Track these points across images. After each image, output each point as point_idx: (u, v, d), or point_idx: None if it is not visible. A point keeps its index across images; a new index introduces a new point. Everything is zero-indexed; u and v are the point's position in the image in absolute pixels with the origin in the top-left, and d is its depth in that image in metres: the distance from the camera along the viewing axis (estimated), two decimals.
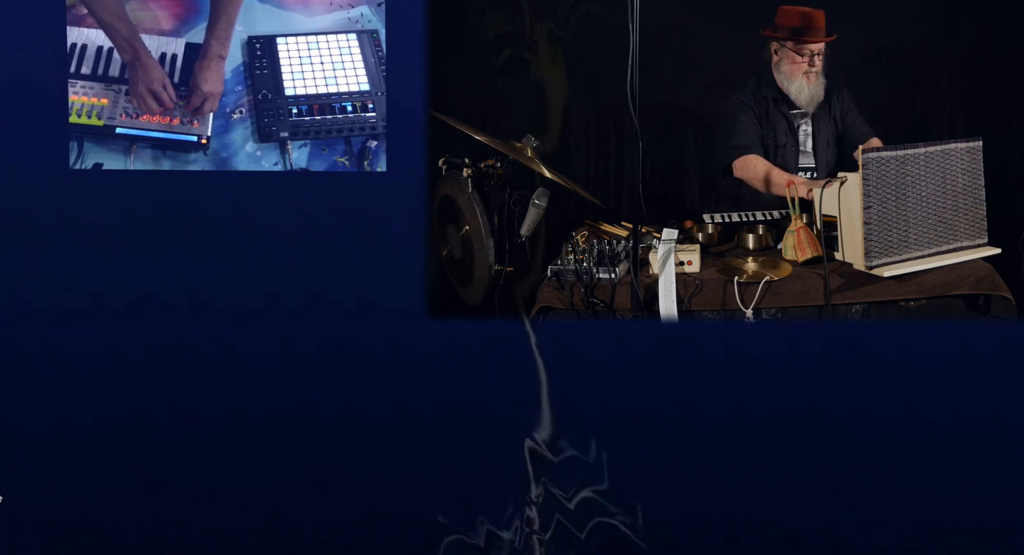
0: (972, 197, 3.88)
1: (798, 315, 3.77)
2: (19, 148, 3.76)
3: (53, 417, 3.77)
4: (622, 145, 4.98)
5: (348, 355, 3.77)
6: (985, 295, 3.81)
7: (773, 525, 3.73)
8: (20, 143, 3.76)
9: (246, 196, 3.80)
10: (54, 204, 3.77)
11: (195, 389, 3.77)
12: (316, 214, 3.80)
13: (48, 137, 3.78)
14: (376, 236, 3.78)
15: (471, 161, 4.00)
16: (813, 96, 4.46)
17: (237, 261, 3.78)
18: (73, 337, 3.77)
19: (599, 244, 3.90)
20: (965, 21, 4.78)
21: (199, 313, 3.77)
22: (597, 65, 4.70)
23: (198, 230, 3.78)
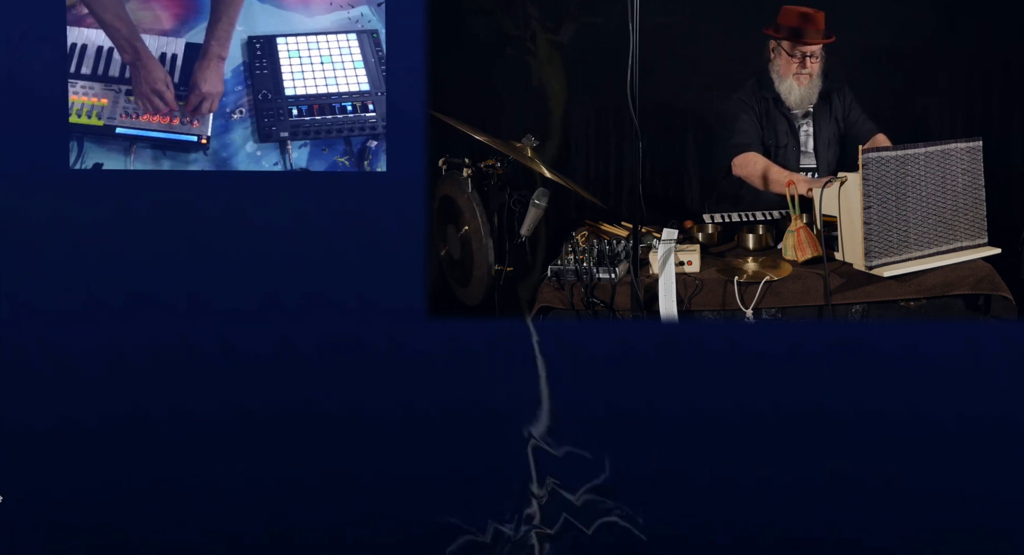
0: (972, 197, 3.88)
1: (798, 315, 3.77)
2: (19, 148, 3.76)
3: (53, 417, 3.77)
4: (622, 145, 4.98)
5: (348, 355, 3.77)
6: (985, 295, 3.81)
7: (773, 524, 3.73)
8: (20, 143, 3.76)
9: (246, 196, 3.80)
10: (54, 204, 3.77)
11: (195, 389, 3.77)
12: (316, 214, 3.80)
13: (48, 137, 3.78)
14: (376, 236, 3.78)
15: (471, 161, 4.00)
16: (803, 98, 4.46)
17: (237, 261, 3.78)
18: (73, 337, 3.77)
19: (599, 244, 3.90)
20: (965, 21, 4.78)
21: (199, 313, 3.77)
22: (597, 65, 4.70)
23: (198, 230, 3.78)
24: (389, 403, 3.77)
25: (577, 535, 3.75)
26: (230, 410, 3.77)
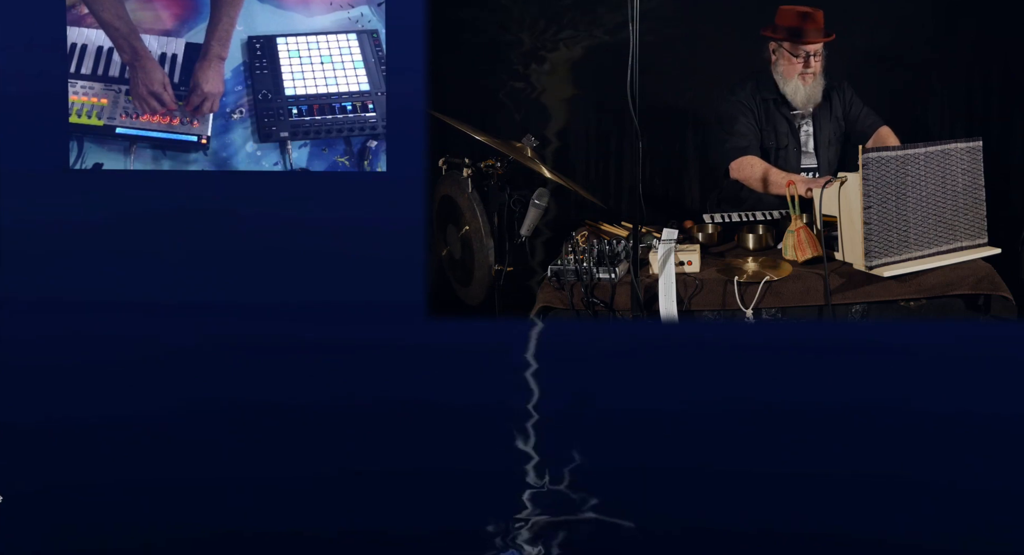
0: (972, 197, 3.88)
1: (798, 315, 3.77)
2: (19, 148, 3.76)
3: (53, 417, 3.77)
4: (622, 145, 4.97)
5: (348, 354, 3.77)
6: (985, 295, 3.80)
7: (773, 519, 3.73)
8: (20, 143, 3.76)
9: (246, 196, 3.80)
10: (54, 204, 3.77)
11: (194, 388, 3.77)
12: (316, 214, 3.80)
13: (48, 137, 3.79)
14: (376, 236, 3.78)
15: (471, 161, 4.00)
16: (809, 97, 4.45)
17: (237, 261, 3.78)
18: (73, 336, 3.76)
19: (599, 244, 3.90)
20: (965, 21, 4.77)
21: (199, 312, 3.77)
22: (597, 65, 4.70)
23: (198, 230, 3.78)
24: (388, 402, 3.77)
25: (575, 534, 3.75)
26: (229, 408, 3.77)
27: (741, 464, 3.73)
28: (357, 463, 3.78)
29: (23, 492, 3.76)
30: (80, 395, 3.77)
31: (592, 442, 3.74)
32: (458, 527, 3.76)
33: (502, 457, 3.74)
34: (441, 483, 3.78)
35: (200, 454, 3.77)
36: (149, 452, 3.78)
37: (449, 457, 3.77)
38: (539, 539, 3.75)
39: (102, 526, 3.77)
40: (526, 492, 3.74)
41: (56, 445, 3.77)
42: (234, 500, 3.78)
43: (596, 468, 3.74)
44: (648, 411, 3.74)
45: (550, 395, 3.73)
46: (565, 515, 3.75)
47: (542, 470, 3.74)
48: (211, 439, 3.77)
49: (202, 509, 3.78)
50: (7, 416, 3.76)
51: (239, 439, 3.78)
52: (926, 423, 3.70)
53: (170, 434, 3.78)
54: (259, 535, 3.79)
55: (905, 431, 3.71)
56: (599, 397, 3.75)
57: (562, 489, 3.74)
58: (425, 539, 3.76)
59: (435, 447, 3.78)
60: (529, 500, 3.76)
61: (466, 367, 3.76)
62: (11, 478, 3.76)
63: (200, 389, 3.77)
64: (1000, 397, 3.70)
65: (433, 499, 3.78)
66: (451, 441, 3.77)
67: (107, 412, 3.77)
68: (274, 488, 3.78)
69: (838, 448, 3.72)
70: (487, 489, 3.76)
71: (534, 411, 3.74)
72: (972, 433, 3.70)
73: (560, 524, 3.76)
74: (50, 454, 3.77)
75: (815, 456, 3.72)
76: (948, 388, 3.68)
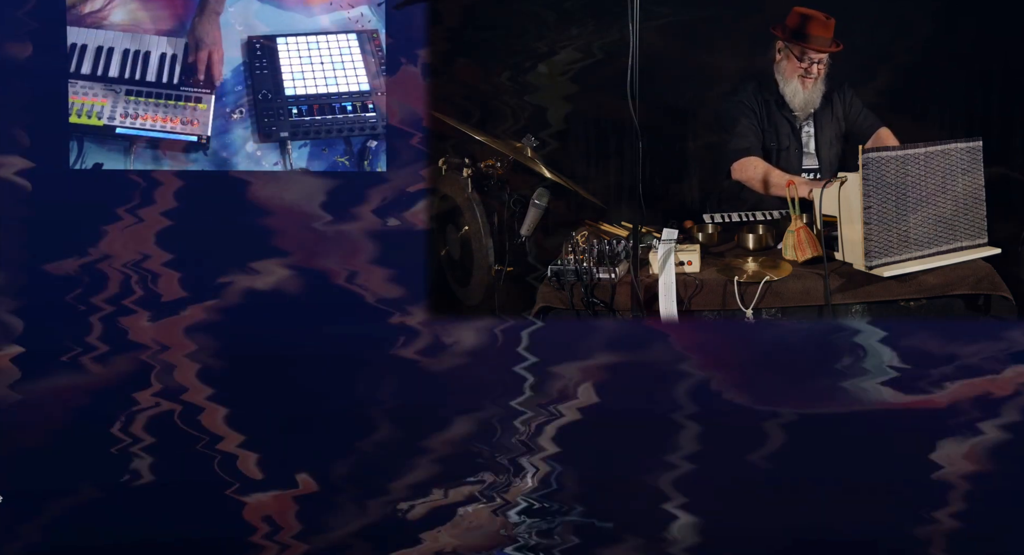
0: (972, 197, 3.87)
1: (798, 315, 3.77)
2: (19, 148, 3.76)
3: (53, 417, 3.77)
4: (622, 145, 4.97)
5: (348, 354, 3.77)
6: (985, 295, 3.80)
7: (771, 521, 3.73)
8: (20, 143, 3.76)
9: (246, 196, 3.80)
10: (54, 204, 3.77)
11: (194, 387, 3.77)
12: (316, 214, 3.80)
13: (48, 137, 3.79)
14: (376, 236, 3.79)
15: (471, 161, 4.00)
16: (807, 102, 4.45)
17: (237, 261, 3.78)
18: (73, 336, 3.76)
19: (599, 244, 3.90)
20: (965, 21, 4.77)
21: (198, 312, 3.77)
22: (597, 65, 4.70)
23: (198, 230, 3.78)
24: (388, 402, 3.77)
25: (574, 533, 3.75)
26: (229, 408, 3.77)
27: (742, 462, 3.73)
28: (354, 461, 3.78)
29: (23, 492, 3.77)
30: (79, 394, 3.77)
31: (591, 442, 3.74)
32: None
33: (502, 455, 3.74)
34: (441, 483, 3.78)
35: (199, 453, 3.77)
36: (148, 452, 3.78)
37: (449, 456, 3.77)
38: (534, 534, 3.75)
39: (103, 526, 3.77)
40: (523, 493, 3.75)
41: (56, 445, 3.77)
42: (232, 500, 3.78)
43: (593, 469, 3.74)
44: (648, 410, 3.74)
45: (550, 395, 3.73)
46: (560, 517, 3.75)
47: (540, 470, 3.74)
48: (209, 438, 3.77)
49: (202, 509, 3.78)
50: (6, 416, 3.76)
51: (236, 438, 3.78)
52: (926, 422, 3.70)
53: (169, 433, 3.78)
54: (258, 534, 3.79)
55: (905, 430, 3.71)
56: (599, 397, 3.75)
57: (558, 490, 3.75)
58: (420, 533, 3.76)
59: (434, 446, 3.78)
60: (523, 501, 3.76)
61: (466, 367, 3.76)
62: (11, 478, 3.76)
63: (199, 388, 3.77)
64: (1000, 396, 3.70)
65: (433, 499, 3.78)
66: (451, 440, 3.77)
67: (106, 411, 3.77)
68: (273, 486, 3.78)
69: (838, 448, 3.72)
70: (487, 489, 3.76)
71: (534, 411, 3.74)
72: (972, 432, 3.70)
73: (556, 523, 3.76)
74: (50, 454, 3.77)
75: (815, 456, 3.72)
76: (947, 387, 3.69)
